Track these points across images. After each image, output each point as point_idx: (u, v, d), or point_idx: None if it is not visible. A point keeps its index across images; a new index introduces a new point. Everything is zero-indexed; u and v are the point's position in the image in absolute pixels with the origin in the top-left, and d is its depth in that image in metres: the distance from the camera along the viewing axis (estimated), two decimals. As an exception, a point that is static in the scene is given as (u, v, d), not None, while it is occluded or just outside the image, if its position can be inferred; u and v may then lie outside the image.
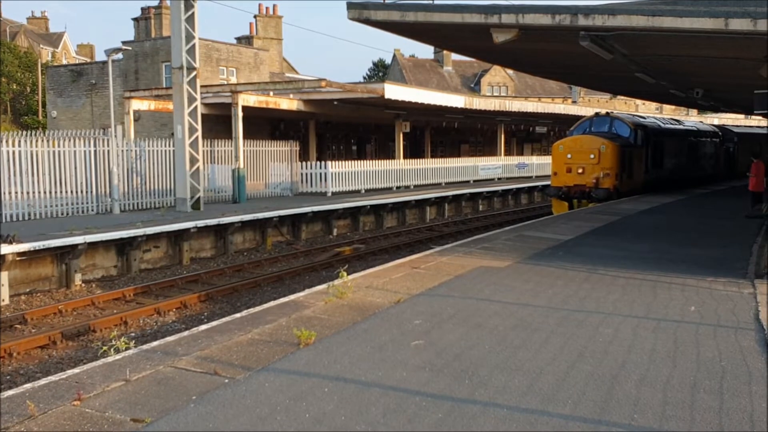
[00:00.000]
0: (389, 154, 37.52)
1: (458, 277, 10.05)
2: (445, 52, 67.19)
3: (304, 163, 28.31)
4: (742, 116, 49.42)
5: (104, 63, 33.32)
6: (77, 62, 57.41)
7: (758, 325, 7.49)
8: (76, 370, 6.01)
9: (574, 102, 56.67)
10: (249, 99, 25.40)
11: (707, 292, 9.20)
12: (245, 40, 41.89)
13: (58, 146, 18.97)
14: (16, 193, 17.96)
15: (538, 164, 41.90)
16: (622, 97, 57.84)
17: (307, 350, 6.43)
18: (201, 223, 18.13)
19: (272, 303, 8.70)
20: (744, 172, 24.90)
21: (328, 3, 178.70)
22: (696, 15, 9.89)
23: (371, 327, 7.27)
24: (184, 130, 20.78)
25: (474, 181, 36.01)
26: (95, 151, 19.80)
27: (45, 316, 12.56)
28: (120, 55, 32.87)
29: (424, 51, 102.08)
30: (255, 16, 44.10)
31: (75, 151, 19.33)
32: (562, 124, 41.86)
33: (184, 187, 20.91)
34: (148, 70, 34.17)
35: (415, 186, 31.85)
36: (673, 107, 51.08)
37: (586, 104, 59.08)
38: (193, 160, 21.12)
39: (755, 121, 50.79)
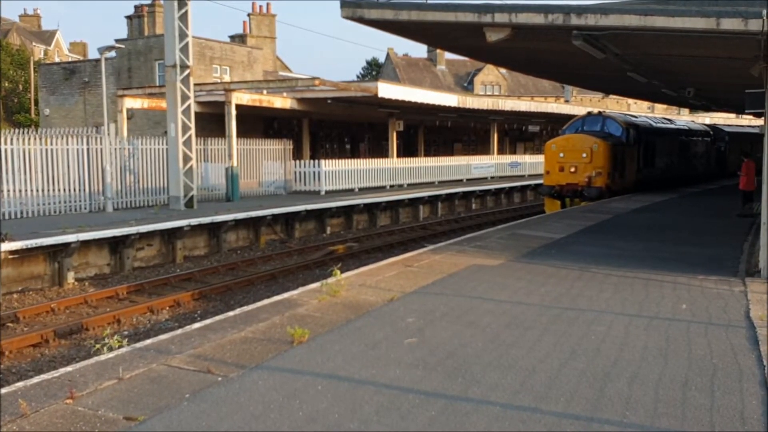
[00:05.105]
0: (383, 153, 37.49)
1: (451, 276, 10.08)
2: (438, 51, 67.17)
3: (297, 161, 28.30)
4: (733, 115, 49.61)
5: (97, 61, 33.21)
6: (70, 60, 57.10)
7: (749, 323, 7.54)
8: (68, 369, 6.01)
9: (566, 101, 56.71)
10: (242, 97, 25.36)
11: (699, 290, 9.26)
12: (239, 39, 41.79)
13: (51, 144, 18.90)
14: (9, 191, 17.88)
15: (530, 163, 41.96)
16: (615, 96, 57.95)
17: (301, 348, 6.44)
18: (194, 221, 18.10)
19: (266, 301, 8.71)
20: (735, 171, 25.02)
21: (321, 2, 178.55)
22: (688, 14, 9.92)
23: (364, 325, 7.29)
24: (177, 129, 20.74)
25: (467, 179, 36.06)
26: (88, 149, 19.74)
27: (37, 314, 12.52)
28: (113, 53, 32.74)
29: (418, 50, 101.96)
30: (248, 15, 44.04)
31: (68, 149, 19.26)
32: (555, 123, 41.92)
33: (177, 185, 20.87)
34: (141, 68, 34.06)
35: (408, 185, 31.86)
36: (665, 106, 51.20)
37: (579, 103, 59.20)
38: (187, 159, 21.09)
39: (746, 121, 51.00)
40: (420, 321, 7.44)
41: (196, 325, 7.47)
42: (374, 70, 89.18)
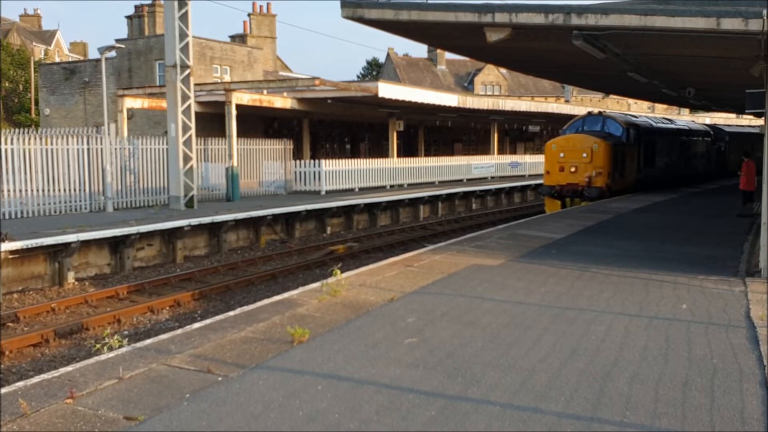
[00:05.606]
0: (383, 153, 37.51)
1: (451, 275, 10.08)
2: (438, 50, 67.20)
3: (297, 161, 28.30)
4: (733, 115, 49.61)
5: (97, 61, 33.22)
6: (70, 60, 57.09)
7: (749, 323, 7.53)
8: (68, 369, 6.00)
9: (566, 101, 56.73)
10: (243, 97, 25.36)
11: (699, 290, 9.25)
12: (239, 39, 41.82)
13: (51, 144, 18.90)
14: (9, 191, 17.89)
15: (530, 163, 41.96)
16: (615, 96, 57.97)
17: (301, 348, 6.44)
18: (195, 221, 18.10)
19: (266, 301, 8.71)
20: (735, 171, 25.02)
21: (321, 2, 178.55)
22: (688, 14, 9.92)
23: (365, 325, 7.29)
24: (177, 128, 20.74)
25: (467, 179, 36.06)
26: (88, 149, 19.74)
27: (38, 314, 12.52)
28: (113, 53, 32.75)
29: (418, 50, 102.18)
30: (249, 15, 44.08)
31: (68, 149, 19.27)
32: (555, 123, 41.93)
33: (177, 185, 20.87)
34: (141, 68, 34.07)
35: (408, 185, 31.86)
36: (665, 106, 51.20)
37: (579, 103, 59.21)
38: (187, 159, 21.09)
39: (746, 121, 51.00)
40: (420, 321, 7.44)
41: (197, 325, 7.47)
42: (374, 70, 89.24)
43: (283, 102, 27.80)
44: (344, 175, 28.40)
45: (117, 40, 31.50)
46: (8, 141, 17.82)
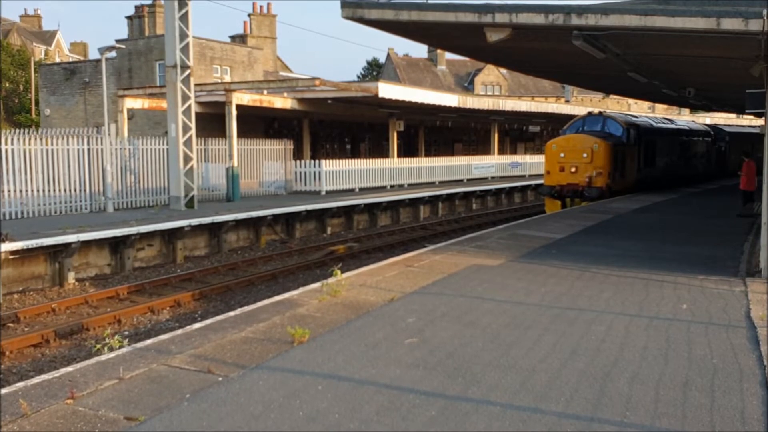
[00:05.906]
0: (383, 153, 37.51)
1: (452, 276, 10.08)
2: (438, 51, 67.21)
3: (298, 161, 28.30)
4: (733, 115, 49.59)
5: (98, 61, 33.23)
6: (70, 60, 57.08)
7: (749, 323, 7.53)
8: (69, 369, 6.01)
9: (567, 101, 56.76)
10: (243, 97, 25.37)
11: (699, 290, 9.25)
12: (239, 39, 41.83)
13: (51, 144, 18.91)
14: (9, 191, 17.89)
15: (531, 163, 41.98)
16: (615, 97, 57.96)
17: (301, 348, 6.45)
18: (195, 221, 18.11)
19: (266, 301, 8.71)
20: (735, 171, 25.04)
21: (321, 2, 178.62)
22: (688, 15, 9.92)
23: (365, 325, 7.29)
24: (177, 129, 20.74)
25: (467, 179, 36.06)
26: (88, 149, 19.75)
27: (38, 314, 12.52)
28: (113, 54, 32.76)
29: (418, 50, 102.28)
30: (249, 15, 44.08)
31: (68, 150, 19.27)
32: (555, 123, 41.93)
33: (177, 185, 20.87)
34: (141, 69, 34.08)
35: (408, 185, 31.87)
36: (666, 106, 51.19)
37: (579, 103, 59.21)
38: (187, 159, 21.09)
39: (747, 121, 50.98)
40: (420, 321, 7.45)
41: (197, 325, 7.47)
42: (375, 70, 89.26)
43: (283, 102, 27.81)
44: (344, 175, 28.41)
45: (117, 41, 31.48)
46: (9, 141, 17.82)
